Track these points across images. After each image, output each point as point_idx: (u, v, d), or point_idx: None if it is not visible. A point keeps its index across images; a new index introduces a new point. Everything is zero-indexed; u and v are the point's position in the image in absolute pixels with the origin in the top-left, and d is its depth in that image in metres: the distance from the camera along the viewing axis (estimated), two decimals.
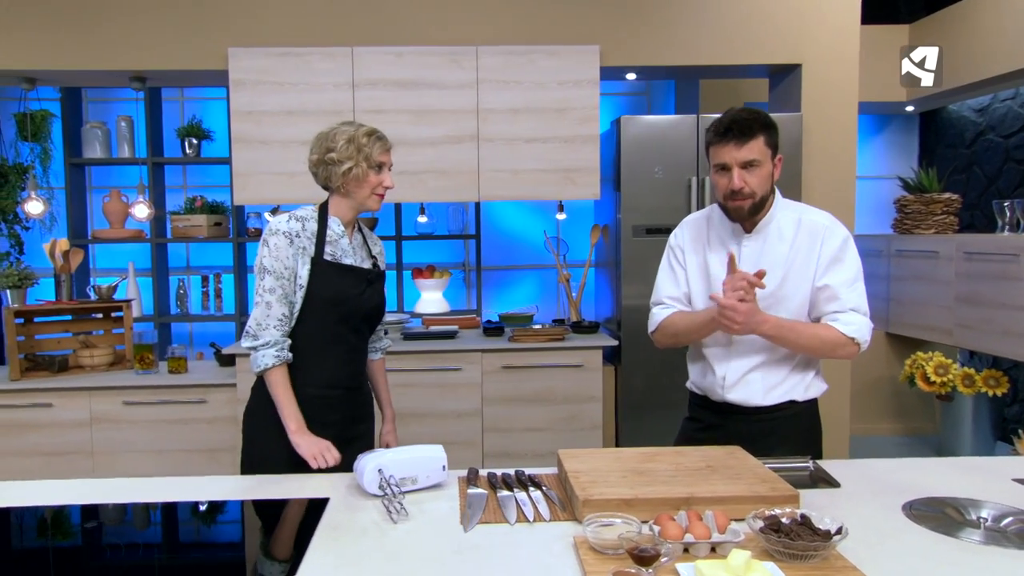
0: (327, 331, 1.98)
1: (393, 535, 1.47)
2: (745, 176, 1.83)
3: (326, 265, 1.95)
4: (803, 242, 1.91)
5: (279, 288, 1.91)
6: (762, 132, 1.83)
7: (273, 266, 1.91)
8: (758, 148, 1.82)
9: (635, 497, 1.52)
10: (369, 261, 2.08)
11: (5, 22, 3.51)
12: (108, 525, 1.64)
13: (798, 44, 3.76)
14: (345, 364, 2.03)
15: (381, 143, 1.99)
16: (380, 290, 2.10)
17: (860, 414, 4.99)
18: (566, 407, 3.58)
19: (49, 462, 3.36)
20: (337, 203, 2.00)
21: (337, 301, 1.96)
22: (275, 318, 1.91)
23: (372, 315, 2.08)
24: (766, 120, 1.85)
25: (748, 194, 1.84)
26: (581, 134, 3.63)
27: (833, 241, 1.90)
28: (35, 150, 4.15)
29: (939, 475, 1.78)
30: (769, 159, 1.86)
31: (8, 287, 3.41)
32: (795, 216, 1.94)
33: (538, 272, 4.71)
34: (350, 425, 2.06)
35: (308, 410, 1.95)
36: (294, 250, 1.92)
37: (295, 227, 1.93)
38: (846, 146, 3.80)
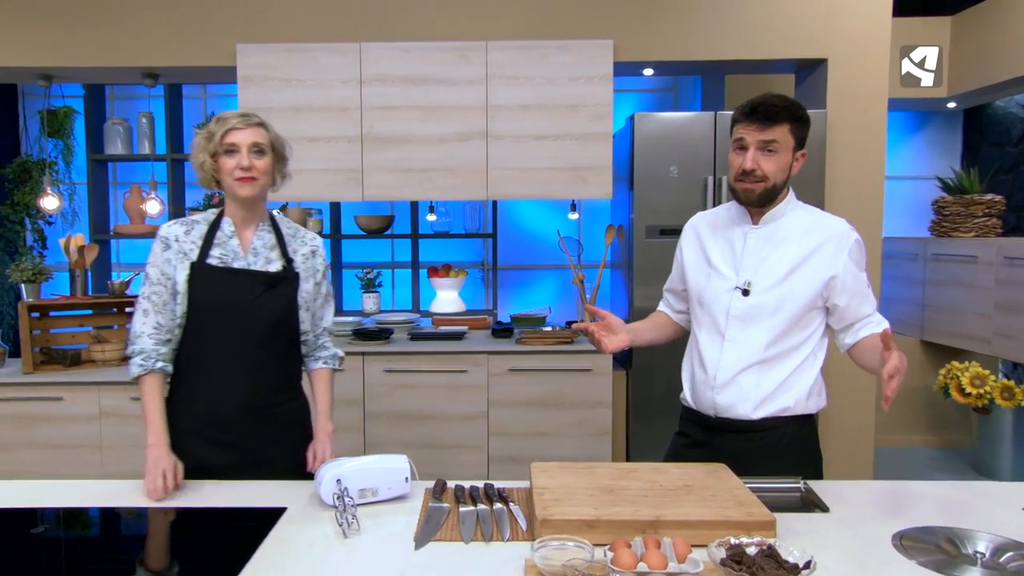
0: (215, 341, 1.82)
1: (340, 551, 1.41)
2: (760, 158, 1.75)
3: (207, 269, 1.81)
4: (816, 247, 1.81)
5: (154, 295, 1.82)
6: (789, 120, 1.75)
7: (150, 272, 1.83)
8: (781, 134, 1.75)
9: (597, 518, 1.43)
10: (280, 263, 1.89)
11: (22, 20, 3.56)
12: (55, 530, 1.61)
13: (824, 38, 3.59)
14: (242, 378, 1.83)
15: (229, 121, 1.80)
16: (286, 295, 1.87)
17: (890, 425, 4.78)
18: (575, 412, 3.49)
19: (58, 455, 3.40)
20: (226, 202, 1.89)
21: (219, 308, 1.81)
22: (150, 326, 1.81)
23: (279, 324, 1.87)
24: (798, 111, 1.77)
25: (760, 177, 1.76)
26: (593, 131, 3.53)
27: (850, 249, 1.81)
28: (58, 146, 4.21)
29: (940, 501, 1.65)
30: (790, 150, 1.77)
31: (23, 281, 3.46)
32: (808, 218, 1.85)
33: (557, 272, 4.62)
34: (255, 447, 1.86)
35: (200, 428, 1.83)
36: (170, 255, 1.82)
37: (176, 231, 1.84)
38: (874, 145, 3.61)
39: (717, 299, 1.87)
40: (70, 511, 1.64)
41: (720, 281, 1.87)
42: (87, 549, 1.48)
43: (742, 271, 1.84)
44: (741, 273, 1.84)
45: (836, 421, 3.68)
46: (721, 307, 1.86)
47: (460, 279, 4.28)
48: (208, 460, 1.83)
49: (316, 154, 3.56)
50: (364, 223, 4.26)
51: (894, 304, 5.04)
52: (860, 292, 1.81)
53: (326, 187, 3.57)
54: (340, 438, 3.48)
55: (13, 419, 3.37)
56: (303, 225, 4.26)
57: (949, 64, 4.54)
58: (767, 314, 1.81)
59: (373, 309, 4.26)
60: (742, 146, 1.77)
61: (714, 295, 1.87)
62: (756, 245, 1.84)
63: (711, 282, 1.89)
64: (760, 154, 1.75)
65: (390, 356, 3.47)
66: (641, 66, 3.74)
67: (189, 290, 1.81)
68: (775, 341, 1.81)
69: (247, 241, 1.89)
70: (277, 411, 1.92)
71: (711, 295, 1.88)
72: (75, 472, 3.35)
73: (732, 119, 1.82)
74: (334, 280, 4.44)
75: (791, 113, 1.75)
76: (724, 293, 1.85)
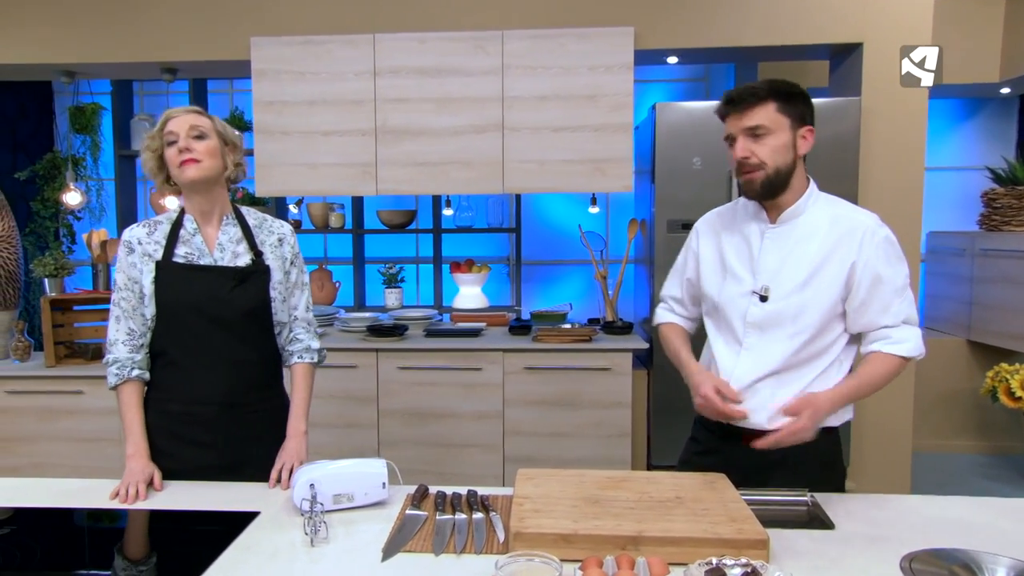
0: (188, 340, 1.78)
1: (304, 560, 1.35)
2: (751, 145, 1.64)
3: (172, 268, 1.77)
4: (838, 243, 1.67)
5: (123, 301, 1.79)
6: (772, 98, 1.63)
7: (117, 278, 1.80)
8: (765, 115, 1.63)
9: (574, 532, 1.34)
10: (248, 256, 1.84)
11: (44, 17, 3.61)
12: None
13: (859, 21, 3.39)
14: (218, 377, 1.79)
15: (165, 115, 1.78)
16: (259, 288, 1.83)
17: (934, 429, 4.54)
18: (593, 412, 3.38)
19: (79, 448, 3.43)
20: (184, 198, 1.84)
21: (190, 305, 1.76)
22: (124, 332, 1.78)
23: (253, 318, 1.83)
24: (781, 87, 1.65)
25: (756, 164, 1.64)
26: (613, 122, 3.41)
27: (876, 244, 1.66)
28: (86, 142, 4.27)
29: (960, 519, 1.51)
30: (786, 128, 1.64)
31: (46, 276, 3.51)
32: (831, 212, 1.70)
33: (582, 268, 4.51)
34: (236, 446, 1.82)
35: (175, 428, 1.80)
36: (135, 259, 1.78)
37: (138, 234, 1.80)
38: (913, 134, 3.41)
39: (733, 304, 1.75)
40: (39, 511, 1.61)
41: (736, 284, 1.75)
42: (51, 549, 1.45)
43: (759, 274, 1.71)
44: (759, 277, 1.71)
45: (870, 424, 3.49)
46: (738, 313, 1.74)
47: (483, 274, 4.21)
48: (186, 460, 1.80)
49: (330, 148, 3.52)
50: (386, 218, 4.21)
51: (939, 302, 4.79)
52: (880, 294, 1.65)
53: (340, 181, 3.53)
54: (353, 435, 3.47)
55: (37, 412, 3.42)
56: (326, 221, 4.25)
57: (1004, 47, 4.28)
58: (787, 321, 1.68)
59: (395, 304, 4.22)
60: (731, 139, 1.68)
61: (730, 299, 1.76)
62: (774, 246, 1.71)
63: (726, 285, 1.77)
64: (749, 141, 1.64)
65: (404, 353, 3.41)
66: (664, 54, 3.60)
67: (156, 291, 1.77)
68: (796, 349, 1.69)
69: (212, 237, 1.84)
70: (256, 409, 1.87)
71: (727, 299, 1.76)
72: (95, 465, 3.38)
73: (719, 117, 1.73)
74: (355, 275, 4.41)
75: (772, 89, 1.64)
76: (740, 298, 1.74)
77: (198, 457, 1.79)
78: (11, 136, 4.36)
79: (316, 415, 3.40)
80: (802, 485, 1.65)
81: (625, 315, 4.07)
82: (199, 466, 1.79)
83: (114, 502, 1.64)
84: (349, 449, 3.41)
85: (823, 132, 3.33)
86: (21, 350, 3.54)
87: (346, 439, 3.44)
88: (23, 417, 3.43)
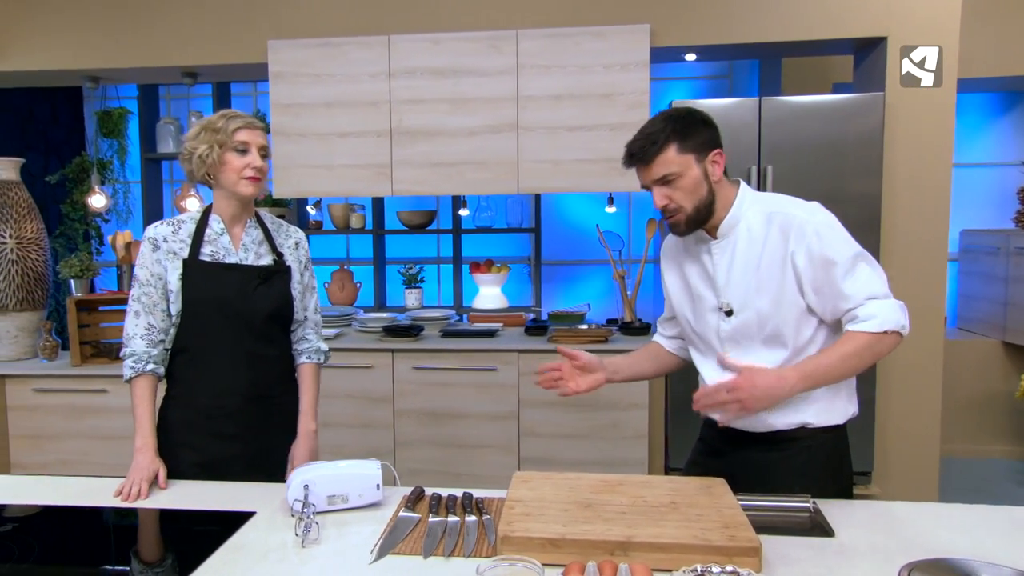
0: (214, 336, 1.84)
1: (293, 561, 1.35)
2: (666, 192, 1.61)
3: (201, 266, 1.82)
4: (776, 240, 1.62)
5: (144, 296, 1.82)
6: (670, 142, 1.59)
7: (139, 274, 1.83)
8: (669, 161, 1.59)
9: (562, 537, 1.32)
10: (270, 257, 1.92)
11: (69, 24, 3.69)
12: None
13: (883, 14, 3.31)
14: (242, 371, 1.86)
15: (240, 120, 1.82)
16: (281, 287, 1.91)
17: (966, 433, 4.42)
18: (608, 414, 3.35)
19: (104, 446, 3.51)
20: (216, 199, 1.88)
21: (217, 302, 1.82)
22: (142, 327, 1.82)
23: (276, 316, 1.91)
24: (675, 126, 1.60)
25: (675, 208, 1.62)
26: (629, 121, 3.37)
27: (811, 232, 1.59)
28: (113, 146, 4.36)
29: (968, 527, 1.46)
30: (692, 164, 1.60)
31: (72, 277, 3.59)
32: (765, 211, 1.65)
33: (603, 268, 4.47)
34: (258, 438, 1.89)
35: (202, 422, 1.85)
36: (160, 256, 1.82)
37: (164, 232, 1.83)
38: (941, 130, 3.31)
39: (706, 323, 1.75)
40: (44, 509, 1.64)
41: (702, 304, 1.75)
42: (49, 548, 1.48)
43: (719, 291, 1.70)
44: (719, 293, 1.70)
45: (895, 427, 3.41)
46: (712, 331, 1.74)
47: (502, 275, 4.20)
48: (212, 453, 1.86)
49: (346, 149, 3.54)
50: (406, 218, 4.23)
51: (973, 302, 4.65)
52: (831, 280, 1.58)
53: (355, 183, 3.55)
54: (368, 436, 3.48)
55: (63, 410, 3.50)
56: (347, 222, 4.28)
57: None
58: (755, 329, 1.66)
59: (415, 305, 4.23)
60: (647, 187, 1.66)
61: (701, 319, 1.76)
62: (722, 260, 1.69)
63: (696, 306, 1.77)
64: (663, 189, 1.61)
65: (419, 353, 3.42)
66: (682, 51, 3.55)
67: (183, 287, 1.82)
68: (776, 354, 1.66)
69: (237, 238, 1.90)
70: (277, 401, 1.95)
71: (700, 320, 1.76)
72: (118, 462, 3.44)
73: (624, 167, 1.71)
74: (376, 275, 4.43)
75: (668, 132, 1.59)
76: (710, 314, 1.73)
77: (224, 449, 1.85)
78: (44, 140, 4.48)
79: (332, 414, 3.45)
80: (806, 486, 1.61)
81: (644, 315, 4.03)
82: (224, 458, 1.85)
83: (116, 500, 1.67)
84: (364, 449, 3.43)
85: (847, 128, 3.27)
86: (49, 349, 3.63)
87: (362, 439, 3.46)
88: (50, 415, 3.51)
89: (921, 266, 3.34)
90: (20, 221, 3.57)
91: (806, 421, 1.68)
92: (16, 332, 3.61)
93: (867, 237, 3.20)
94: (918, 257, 3.35)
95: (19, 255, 3.56)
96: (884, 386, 3.38)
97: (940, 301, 3.36)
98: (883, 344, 1.57)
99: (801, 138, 3.25)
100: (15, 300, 3.56)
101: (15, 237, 3.55)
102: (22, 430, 3.52)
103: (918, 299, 3.33)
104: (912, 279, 3.34)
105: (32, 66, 3.74)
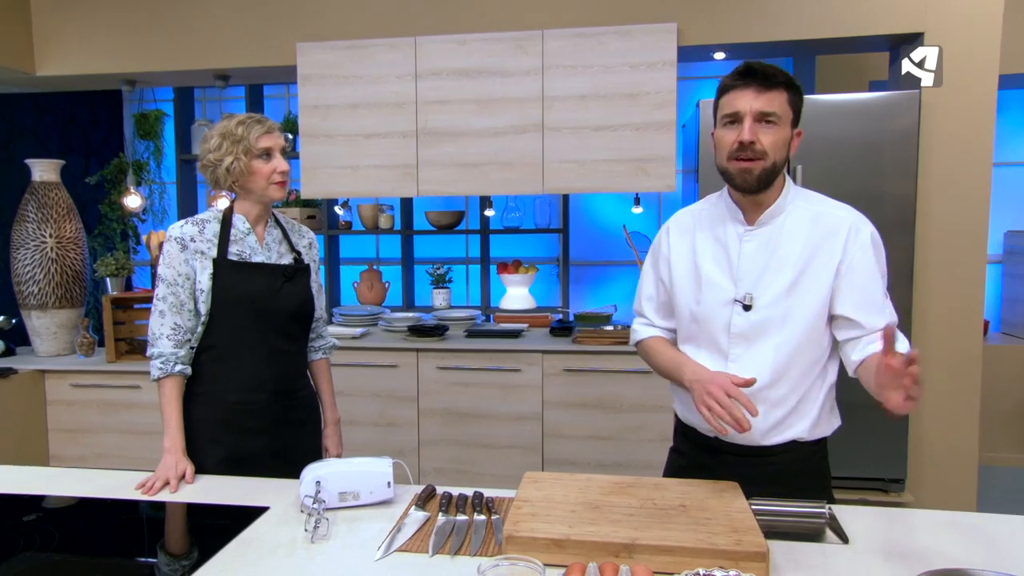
0: (243, 333, 1.89)
1: (301, 556, 1.36)
2: (759, 130, 1.49)
3: (230, 265, 1.86)
4: (821, 242, 1.56)
5: (171, 296, 1.84)
6: (787, 88, 1.52)
7: (165, 274, 1.84)
8: (780, 103, 1.50)
9: (567, 538, 1.31)
10: (290, 256, 1.98)
11: (106, 28, 3.80)
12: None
13: (921, 9, 3.22)
14: (268, 367, 1.91)
15: (260, 126, 1.85)
16: (303, 286, 1.98)
17: (1004, 442, 4.28)
18: (633, 416, 3.32)
19: (136, 440, 3.60)
20: (240, 200, 1.92)
21: (247, 301, 1.87)
22: (168, 327, 1.84)
23: (298, 313, 1.97)
24: (792, 80, 1.55)
25: (759, 152, 1.49)
26: (655, 121, 3.34)
27: (861, 242, 1.54)
28: (149, 147, 4.47)
29: (988, 537, 1.41)
30: (789, 124, 1.54)
31: (107, 275, 3.68)
32: (811, 210, 1.58)
33: (631, 269, 4.44)
34: (283, 431, 1.95)
35: (232, 417, 1.88)
36: (188, 255, 1.84)
37: (190, 232, 1.85)
38: (981, 129, 3.21)
39: (714, 314, 1.62)
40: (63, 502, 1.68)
41: (714, 292, 1.62)
42: (70, 539, 1.51)
43: (740, 281, 1.60)
44: (740, 284, 1.60)
45: (932, 435, 3.31)
46: (720, 324, 1.61)
47: (530, 275, 4.20)
48: (241, 448, 1.90)
49: (372, 150, 3.58)
50: (434, 219, 4.25)
51: (1016, 305, 4.51)
52: (871, 296, 1.53)
53: (381, 183, 3.58)
54: (393, 434, 3.51)
55: (99, 405, 3.60)
56: (375, 222, 4.32)
57: None
58: (773, 330, 1.57)
59: (443, 305, 4.25)
60: (736, 119, 1.52)
61: (710, 309, 1.62)
62: (754, 250, 1.59)
63: (704, 294, 1.63)
64: (759, 126, 1.50)
65: (444, 353, 3.43)
66: (710, 50, 3.51)
67: (214, 287, 1.85)
68: (786, 360, 1.58)
69: (261, 237, 1.95)
70: (299, 396, 2.02)
71: (706, 310, 1.63)
72: (149, 456, 3.53)
73: (719, 90, 1.58)
74: (404, 275, 4.46)
75: (788, 79, 1.53)
76: (722, 307, 1.61)
77: (251, 444, 1.90)
78: (84, 142, 4.60)
79: (357, 413, 3.48)
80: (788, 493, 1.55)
81: None
82: (252, 452, 1.90)
83: (137, 493, 1.70)
84: (389, 447, 3.45)
85: (881, 127, 3.19)
86: (86, 346, 3.73)
87: (386, 438, 3.48)
88: (86, 409, 3.61)
89: (958, 269, 3.25)
90: (60, 221, 3.68)
91: (798, 436, 1.62)
92: (55, 329, 3.72)
93: (902, 239, 3.12)
94: (955, 259, 3.25)
95: (58, 254, 3.67)
96: (925, 387, 3.29)
97: (979, 305, 3.26)
98: None
99: (833, 137, 3.18)
100: (54, 298, 3.67)
101: (55, 236, 3.66)
102: (60, 423, 3.63)
103: (955, 302, 3.24)
104: (949, 282, 3.24)
105: (72, 70, 3.85)
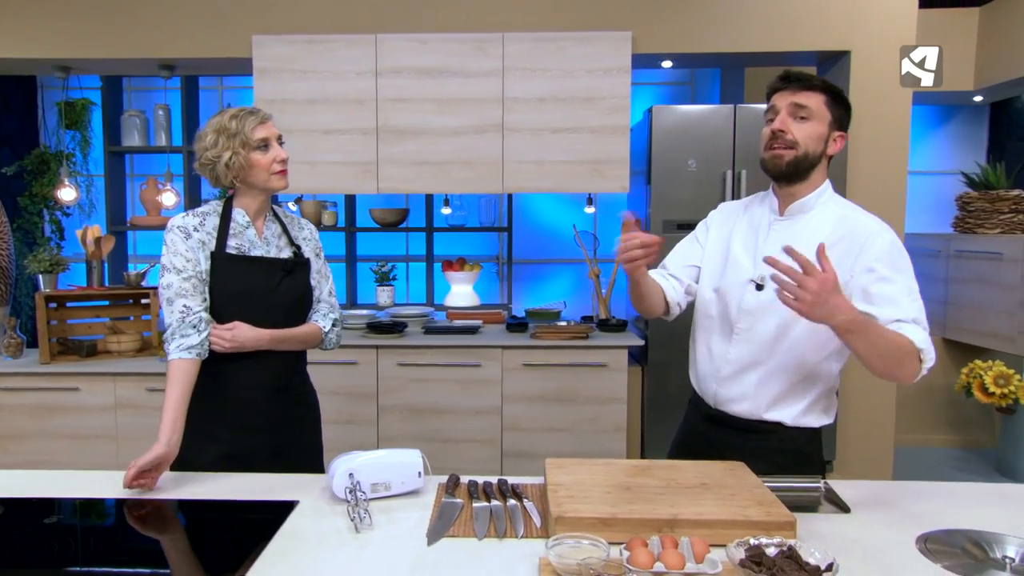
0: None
1: (352, 546, 1.39)
2: (790, 122, 1.67)
3: (228, 259, 1.84)
4: (840, 242, 1.68)
5: (177, 282, 1.79)
6: (824, 91, 1.68)
7: (171, 262, 1.80)
8: (814, 102, 1.67)
9: (613, 516, 1.40)
10: (289, 250, 1.95)
11: (40, 11, 3.58)
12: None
13: (847, 30, 3.52)
14: (267, 363, 1.88)
15: (254, 117, 1.82)
16: (302, 279, 1.96)
17: (910, 424, 4.71)
18: (589, 408, 3.46)
19: (75, 445, 3.42)
20: (240, 194, 1.89)
21: (246, 295, 1.84)
22: (177, 311, 1.79)
23: (296, 307, 1.94)
24: (834, 87, 1.70)
25: (789, 141, 1.66)
26: (611, 124, 3.49)
27: (879, 246, 1.66)
28: (75, 138, 4.23)
29: (962, 503, 1.60)
30: (825, 123, 1.68)
31: (40, 272, 3.48)
32: (839, 212, 1.73)
33: (572, 267, 4.59)
34: (281, 428, 1.92)
35: (230, 415, 1.87)
36: (193, 243, 1.82)
37: (192, 222, 1.83)
38: (897, 140, 3.55)
39: (730, 291, 1.78)
40: (85, 501, 1.63)
41: (736, 271, 1.77)
42: (100, 538, 1.48)
43: (759, 264, 1.74)
44: (759, 266, 1.74)
45: (854, 419, 3.63)
46: (734, 299, 1.77)
47: (474, 273, 4.27)
48: (241, 445, 1.87)
49: (331, 146, 3.55)
50: (379, 216, 4.24)
51: None
52: (886, 291, 1.64)
53: (341, 180, 3.56)
54: (353, 431, 3.50)
55: (30, 409, 3.40)
56: (319, 218, 4.26)
57: (977, 57, 4.45)
58: (780, 309, 1.66)
59: (387, 303, 4.25)
60: (773, 111, 1.70)
61: (728, 286, 1.78)
62: (778, 237, 1.73)
63: (727, 272, 1.80)
64: (791, 119, 1.67)
65: (404, 350, 3.46)
66: (660, 58, 3.70)
67: (212, 280, 1.83)
68: (787, 340, 1.72)
69: (260, 231, 1.92)
70: (297, 392, 1.99)
71: (726, 285, 1.79)
72: (91, 462, 3.37)
73: (767, 93, 1.74)
74: (348, 273, 4.43)
75: (826, 85, 1.69)
76: (738, 285, 1.77)
77: (250, 441, 1.87)
78: None
79: None
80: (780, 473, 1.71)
81: (618, 313, 4.16)
82: (251, 450, 1.87)
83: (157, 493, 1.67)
84: (349, 445, 3.42)
85: None
86: (13, 347, 3.51)
87: (346, 435, 3.47)
88: (16, 415, 3.40)
89: None
90: None
91: (782, 420, 1.77)
92: None
93: None
94: None
95: None
96: (845, 381, 3.59)
97: None
98: (908, 367, 1.57)
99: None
100: None
101: None
102: None
103: None
104: None
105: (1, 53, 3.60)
